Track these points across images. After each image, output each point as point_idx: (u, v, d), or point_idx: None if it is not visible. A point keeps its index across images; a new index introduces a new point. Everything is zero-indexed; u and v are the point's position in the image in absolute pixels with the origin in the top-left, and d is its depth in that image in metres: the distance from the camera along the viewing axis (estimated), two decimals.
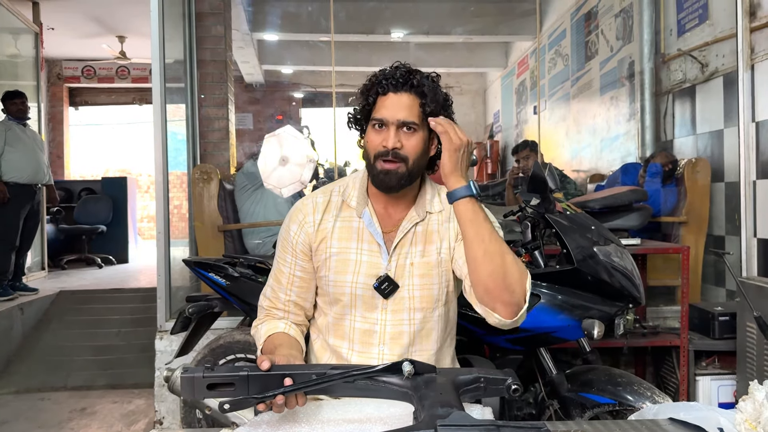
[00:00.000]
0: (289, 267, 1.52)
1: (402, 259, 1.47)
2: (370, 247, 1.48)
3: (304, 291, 1.53)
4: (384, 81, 1.43)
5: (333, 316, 1.51)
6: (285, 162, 3.67)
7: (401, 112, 1.42)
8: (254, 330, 1.53)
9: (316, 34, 6.76)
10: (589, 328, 1.96)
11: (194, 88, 4.15)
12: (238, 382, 1.08)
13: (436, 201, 1.53)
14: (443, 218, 1.51)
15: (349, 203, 1.51)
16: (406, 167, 1.43)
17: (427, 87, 1.43)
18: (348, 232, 1.49)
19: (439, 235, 1.49)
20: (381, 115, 1.43)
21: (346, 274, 1.47)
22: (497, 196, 4.73)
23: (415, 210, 1.50)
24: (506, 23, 7.07)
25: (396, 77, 1.43)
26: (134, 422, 3.59)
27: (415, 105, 1.43)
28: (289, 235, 1.52)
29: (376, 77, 1.45)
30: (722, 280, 3.57)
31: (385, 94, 1.43)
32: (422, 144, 1.45)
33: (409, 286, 1.46)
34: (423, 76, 1.45)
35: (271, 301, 1.54)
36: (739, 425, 1.06)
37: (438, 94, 1.45)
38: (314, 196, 1.55)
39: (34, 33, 6.53)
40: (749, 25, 3.03)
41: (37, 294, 5.25)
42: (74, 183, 8.85)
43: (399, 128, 1.42)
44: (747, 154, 3.04)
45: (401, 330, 1.47)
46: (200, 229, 3.66)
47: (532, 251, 2.22)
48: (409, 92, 1.43)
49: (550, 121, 6.65)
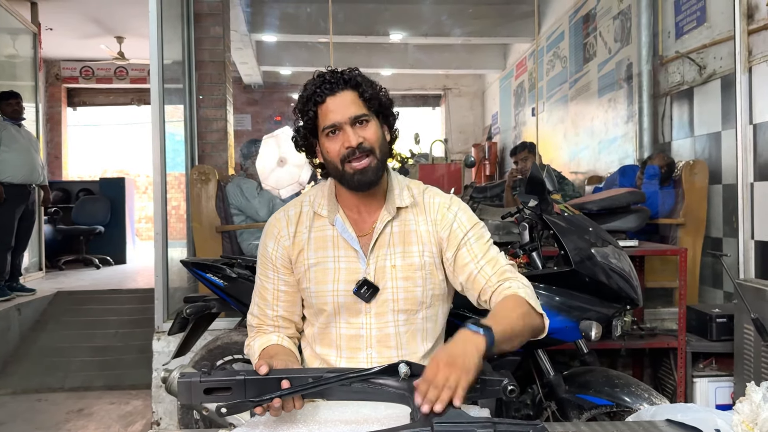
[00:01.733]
0: (272, 283, 1.52)
1: (381, 261, 1.46)
2: (347, 253, 1.47)
3: (290, 305, 1.53)
4: (318, 90, 1.41)
5: (318, 326, 1.51)
6: (283, 163, 3.67)
7: (348, 109, 1.41)
8: (247, 349, 1.53)
9: (314, 35, 6.76)
10: (587, 330, 1.96)
11: (192, 89, 4.15)
12: (235, 386, 1.08)
13: (405, 194, 1.51)
14: (418, 218, 1.50)
15: (320, 213, 1.50)
16: (375, 158, 1.42)
17: (358, 77, 1.44)
18: (323, 242, 1.48)
19: (419, 238, 1.48)
20: (330, 120, 1.41)
21: (326, 283, 1.46)
22: (495, 198, 4.73)
23: (385, 209, 1.49)
24: (505, 25, 7.08)
25: (327, 81, 1.42)
26: (131, 423, 3.58)
27: (356, 98, 1.43)
28: (267, 251, 1.52)
29: (306, 91, 1.44)
30: (720, 282, 3.57)
31: (324, 101, 1.41)
32: (379, 131, 1.46)
33: (392, 289, 1.46)
34: (349, 70, 1.45)
35: (259, 318, 1.53)
36: (736, 427, 1.06)
37: (367, 80, 1.46)
38: (286, 209, 1.55)
39: (33, 33, 6.52)
40: (747, 28, 3.03)
41: (35, 294, 5.24)
42: (72, 183, 8.83)
43: (353, 125, 1.41)
44: (744, 156, 3.05)
45: (387, 332, 1.47)
46: (198, 230, 3.66)
47: (530, 252, 2.22)
48: (345, 89, 1.42)
49: (549, 122, 6.66)
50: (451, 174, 5.35)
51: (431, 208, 1.50)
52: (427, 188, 1.55)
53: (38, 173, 5.19)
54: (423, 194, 1.53)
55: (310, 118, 1.43)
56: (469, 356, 1.11)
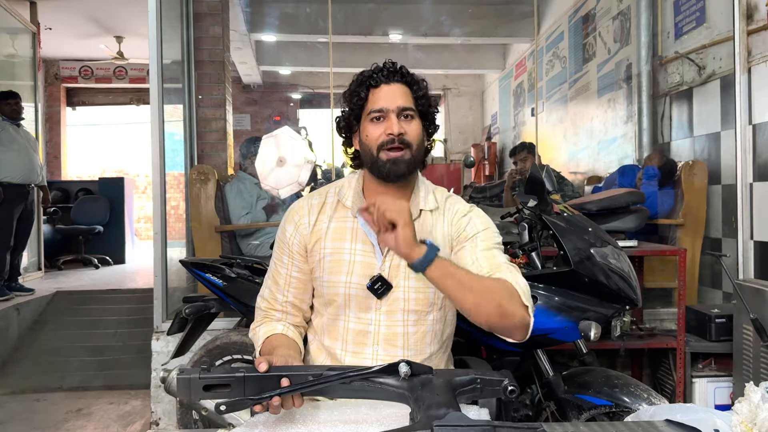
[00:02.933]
0: (286, 268, 1.53)
1: (396, 260, 1.46)
2: (364, 247, 1.48)
3: (301, 292, 1.53)
4: (375, 75, 1.47)
5: (328, 317, 1.51)
6: (282, 163, 3.67)
7: (399, 99, 1.45)
8: (252, 333, 1.53)
9: (314, 35, 6.77)
10: (586, 330, 1.96)
11: (192, 89, 4.15)
12: (235, 383, 1.08)
13: (430, 198, 1.53)
14: (437, 220, 1.51)
15: (344, 203, 1.51)
16: (410, 153, 1.45)
17: (413, 76, 1.49)
18: (342, 233, 1.49)
19: (434, 239, 1.48)
20: (379, 105, 1.45)
21: (339, 274, 1.47)
22: (495, 198, 4.74)
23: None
24: (504, 25, 7.08)
25: (385, 70, 1.47)
26: (130, 423, 3.58)
27: (408, 93, 1.47)
28: (285, 236, 1.53)
29: (363, 75, 1.49)
30: (719, 282, 3.57)
31: (378, 86, 1.46)
32: (421, 131, 1.48)
33: (404, 288, 1.46)
34: (405, 69, 1.51)
35: (268, 302, 1.54)
36: (735, 427, 1.06)
37: (421, 83, 1.51)
38: (310, 197, 1.56)
39: (32, 33, 6.52)
40: (746, 28, 3.03)
41: (34, 294, 5.23)
42: (71, 183, 8.83)
43: (398, 115, 1.44)
44: (744, 157, 3.05)
45: (395, 331, 1.47)
46: (197, 230, 3.66)
47: (530, 253, 2.22)
48: (400, 82, 1.47)
49: (548, 123, 6.66)
50: (451, 174, 5.36)
51: (450, 213, 1.52)
52: (451, 195, 1.58)
53: (37, 173, 5.20)
54: (446, 200, 1.55)
55: (361, 98, 1.47)
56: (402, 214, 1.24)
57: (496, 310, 1.30)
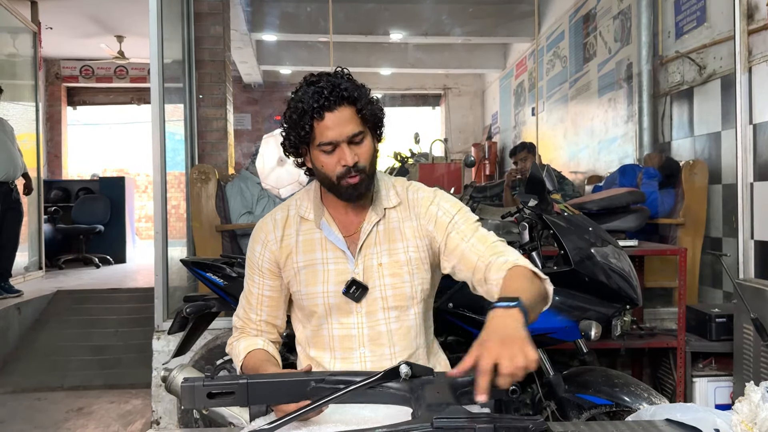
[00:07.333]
0: (257, 287, 1.54)
1: (369, 261, 1.47)
2: (335, 255, 1.48)
3: (274, 309, 1.54)
4: (315, 105, 1.36)
5: (311, 328, 1.52)
6: (283, 162, 3.67)
7: (346, 127, 1.39)
8: (229, 347, 1.54)
9: (314, 34, 6.77)
10: (587, 330, 1.96)
11: (192, 88, 4.15)
12: (238, 390, 1.08)
13: (392, 194, 1.52)
14: (402, 215, 1.51)
15: (306, 217, 1.51)
16: (366, 174, 1.43)
17: (355, 92, 1.40)
18: (311, 244, 1.49)
19: (402, 234, 1.49)
20: (328, 138, 1.38)
21: (316, 285, 1.47)
22: (495, 198, 4.73)
23: (373, 210, 1.50)
24: (505, 25, 7.08)
25: (325, 97, 1.37)
26: (131, 422, 3.58)
27: (353, 114, 1.40)
28: (255, 255, 1.53)
29: (303, 103, 1.38)
30: (719, 282, 3.57)
31: (322, 117, 1.37)
32: (371, 145, 1.45)
33: (380, 287, 1.47)
34: (344, 81, 1.41)
35: (243, 321, 1.56)
36: (736, 426, 1.06)
37: (362, 91, 1.42)
38: (273, 213, 1.56)
39: (33, 32, 6.52)
40: (747, 28, 3.03)
41: (21, 296, 5.06)
42: (72, 183, 8.83)
43: (349, 144, 1.40)
44: (744, 157, 3.05)
45: (378, 330, 1.48)
46: (198, 230, 3.66)
47: (530, 252, 2.22)
48: (343, 104, 1.38)
49: (548, 122, 6.66)
50: (451, 174, 5.35)
51: (415, 203, 1.51)
52: (411, 184, 1.56)
53: (18, 168, 4.91)
54: (407, 191, 1.54)
55: (306, 131, 1.40)
56: (514, 328, 1.06)
57: (541, 303, 1.32)
